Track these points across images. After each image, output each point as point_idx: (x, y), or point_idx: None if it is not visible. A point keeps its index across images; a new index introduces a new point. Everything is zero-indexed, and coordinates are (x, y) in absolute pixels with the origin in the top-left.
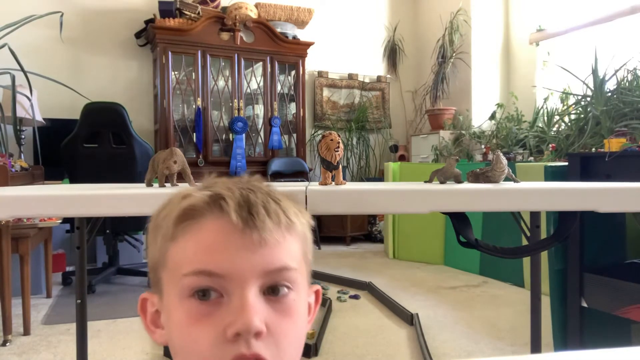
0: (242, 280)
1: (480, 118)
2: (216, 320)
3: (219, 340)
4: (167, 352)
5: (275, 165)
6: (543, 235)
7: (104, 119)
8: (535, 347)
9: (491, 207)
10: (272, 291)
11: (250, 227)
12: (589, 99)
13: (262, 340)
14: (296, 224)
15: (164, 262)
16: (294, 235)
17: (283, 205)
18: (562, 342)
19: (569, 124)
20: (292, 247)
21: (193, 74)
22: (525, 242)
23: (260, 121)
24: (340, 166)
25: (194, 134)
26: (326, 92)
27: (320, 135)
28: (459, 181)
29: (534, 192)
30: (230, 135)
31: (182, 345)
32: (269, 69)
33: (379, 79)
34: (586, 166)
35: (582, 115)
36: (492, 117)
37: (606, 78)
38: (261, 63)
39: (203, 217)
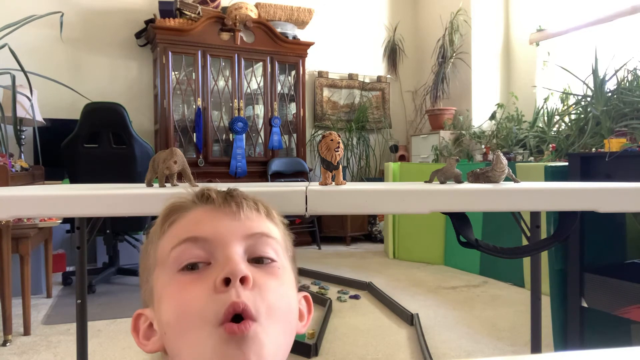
0: (226, 242)
1: (480, 118)
2: (206, 280)
3: (210, 293)
4: None
5: (275, 165)
6: (543, 235)
7: (104, 119)
8: (535, 347)
9: (491, 207)
10: (256, 261)
11: (228, 202)
12: (589, 99)
13: (249, 291)
14: (274, 215)
15: (154, 263)
16: (274, 224)
17: (260, 199)
18: (562, 342)
19: (569, 124)
20: (272, 227)
21: (193, 74)
22: (525, 242)
23: (261, 121)
24: (341, 166)
25: (194, 134)
26: (326, 92)
27: (321, 136)
28: (459, 181)
29: (534, 192)
30: (231, 135)
31: (176, 317)
32: (269, 69)
33: (379, 79)
34: (586, 166)
35: (582, 115)
36: (492, 117)
37: (606, 78)
38: (261, 63)
39: (189, 209)
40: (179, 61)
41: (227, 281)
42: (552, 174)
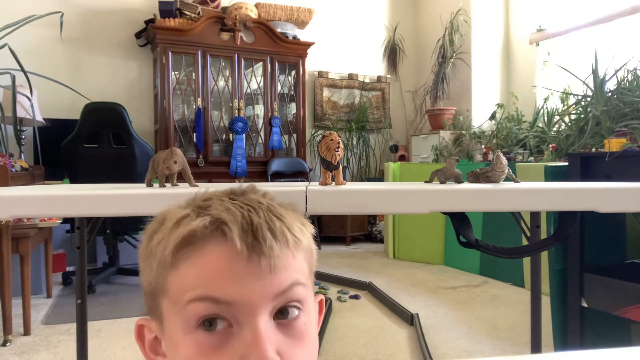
0: (252, 308)
1: (480, 118)
2: (228, 353)
3: None
4: None
5: (275, 165)
6: (543, 235)
7: (104, 119)
8: (535, 347)
9: (491, 207)
10: (281, 314)
11: (257, 253)
12: (589, 99)
13: None
14: (302, 240)
15: (164, 290)
16: (301, 252)
17: (287, 222)
18: (562, 342)
19: (569, 124)
20: (300, 264)
21: (193, 74)
22: (525, 242)
23: (261, 121)
24: (340, 166)
25: (194, 134)
26: (326, 92)
27: (321, 136)
28: (459, 181)
29: (534, 192)
30: (231, 135)
31: None
32: (269, 69)
33: (379, 79)
34: (586, 166)
35: (582, 115)
36: (492, 117)
37: (606, 78)
38: (261, 63)
39: (205, 241)
40: (179, 61)
41: None
42: (552, 174)
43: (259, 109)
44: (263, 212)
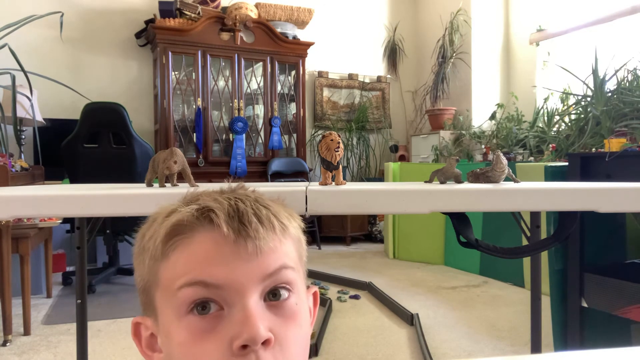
0: (242, 290)
1: (480, 118)
2: (220, 335)
3: (226, 355)
4: None
5: (275, 165)
6: (543, 235)
7: (104, 119)
8: (535, 347)
9: (491, 207)
10: (272, 296)
11: (243, 237)
12: (589, 99)
13: (269, 350)
14: (289, 227)
15: (156, 282)
16: (289, 239)
17: (273, 210)
18: (562, 342)
19: (569, 124)
20: (288, 249)
21: (193, 74)
22: (525, 242)
23: (261, 121)
24: (340, 166)
25: (194, 134)
26: (326, 92)
27: (321, 136)
28: (459, 181)
29: (534, 192)
30: (231, 135)
31: None
32: (269, 69)
33: (379, 79)
34: (586, 166)
35: (582, 115)
36: (492, 117)
37: (606, 78)
38: (261, 63)
39: (193, 230)
40: (179, 61)
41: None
42: (552, 174)
43: (259, 109)
44: (250, 202)
